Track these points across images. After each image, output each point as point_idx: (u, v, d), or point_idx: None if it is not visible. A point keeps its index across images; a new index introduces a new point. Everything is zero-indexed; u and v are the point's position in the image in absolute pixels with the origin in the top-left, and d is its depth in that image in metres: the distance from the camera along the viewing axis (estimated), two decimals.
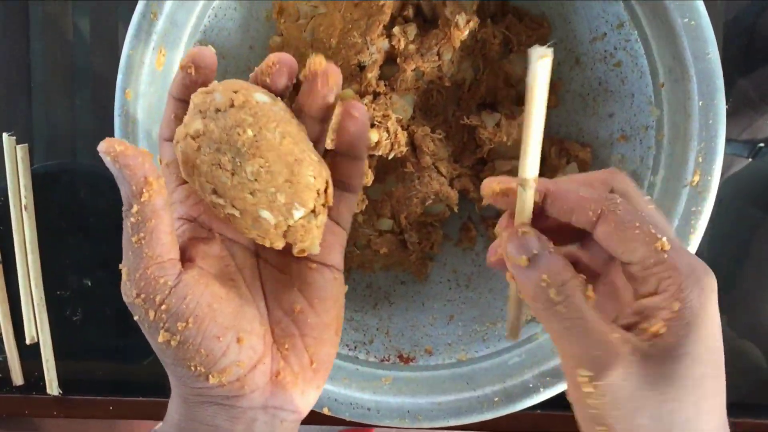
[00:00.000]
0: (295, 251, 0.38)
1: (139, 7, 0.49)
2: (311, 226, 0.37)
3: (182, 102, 0.39)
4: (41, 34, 0.65)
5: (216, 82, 0.38)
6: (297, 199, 0.37)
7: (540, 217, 0.37)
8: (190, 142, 0.36)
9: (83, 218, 0.64)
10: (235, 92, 0.36)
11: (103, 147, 0.34)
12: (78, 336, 0.65)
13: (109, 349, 0.66)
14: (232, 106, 0.36)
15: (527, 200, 0.36)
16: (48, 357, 0.64)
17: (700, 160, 0.48)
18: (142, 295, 0.34)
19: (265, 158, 0.36)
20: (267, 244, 0.38)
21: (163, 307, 0.34)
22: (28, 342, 0.64)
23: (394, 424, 0.52)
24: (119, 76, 0.49)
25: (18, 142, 0.63)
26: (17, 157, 0.63)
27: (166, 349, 0.35)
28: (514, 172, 0.58)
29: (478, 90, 0.57)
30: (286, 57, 0.38)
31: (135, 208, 0.34)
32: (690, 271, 0.32)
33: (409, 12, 0.55)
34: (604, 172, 0.37)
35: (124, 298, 0.35)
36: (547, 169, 0.58)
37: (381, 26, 0.53)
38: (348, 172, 0.39)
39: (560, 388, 0.50)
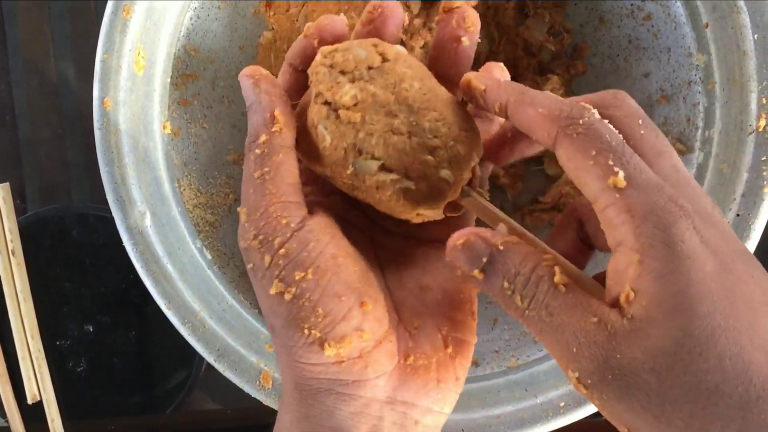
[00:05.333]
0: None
1: (110, 6, 0.44)
2: (485, 177, 0.34)
3: (299, 72, 0.35)
4: (23, 80, 0.63)
5: (331, 46, 0.33)
6: (476, 148, 0.32)
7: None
8: (347, 115, 0.31)
9: (78, 259, 0.60)
10: (375, 45, 0.32)
11: (247, 71, 0.33)
12: (84, 390, 0.61)
13: (121, 402, 0.60)
14: (385, 60, 0.32)
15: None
16: (53, 416, 0.60)
17: (764, 101, 0.42)
18: (260, 237, 0.30)
19: (438, 110, 0.31)
20: (436, 217, 0.33)
21: (282, 251, 0.30)
22: (29, 401, 0.60)
23: None
24: (95, 85, 0.44)
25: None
26: None
27: (278, 306, 0.30)
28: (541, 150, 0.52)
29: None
30: (390, 2, 0.34)
31: (263, 138, 0.31)
32: (649, 210, 0.26)
33: None
34: (603, 93, 0.31)
35: (240, 243, 0.31)
36: None
37: None
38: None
39: None
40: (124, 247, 0.45)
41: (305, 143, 0.33)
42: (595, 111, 0.29)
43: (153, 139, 0.47)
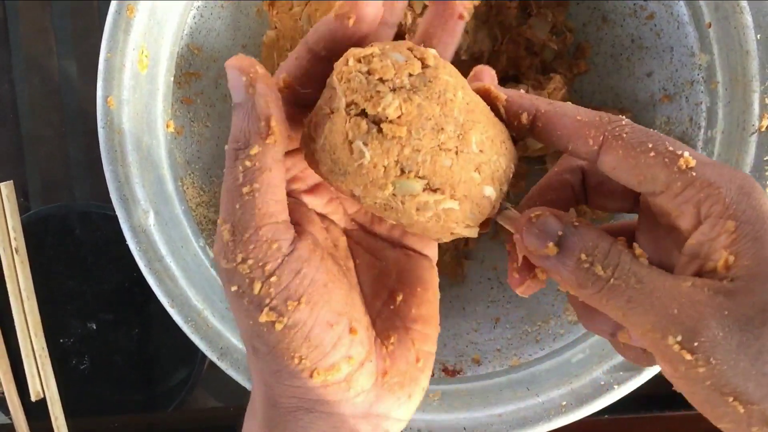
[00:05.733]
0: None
1: (113, 5, 0.44)
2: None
3: (320, 58, 0.31)
4: (26, 78, 0.63)
5: (361, 49, 0.29)
6: (514, 159, 0.30)
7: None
8: (391, 129, 0.27)
9: (80, 257, 0.60)
10: (411, 50, 0.28)
11: (236, 62, 0.28)
12: (87, 387, 0.60)
13: (124, 399, 0.60)
14: (425, 66, 0.28)
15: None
16: (57, 414, 0.60)
17: (767, 101, 0.42)
18: (250, 261, 0.28)
19: (482, 122, 0.29)
20: (471, 236, 0.30)
21: (273, 279, 0.28)
22: (33, 399, 0.59)
23: None
24: (99, 83, 0.44)
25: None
26: (2, 196, 0.58)
27: (266, 334, 0.28)
28: (546, 149, 0.52)
29: (498, 62, 0.51)
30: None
31: (255, 150, 0.28)
32: (728, 180, 0.26)
33: None
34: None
35: (222, 262, 0.28)
36: None
37: None
38: None
39: (637, 382, 0.43)
40: (126, 244, 0.45)
41: (327, 158, 0.29)
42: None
43: (156, 137, 0.47)
